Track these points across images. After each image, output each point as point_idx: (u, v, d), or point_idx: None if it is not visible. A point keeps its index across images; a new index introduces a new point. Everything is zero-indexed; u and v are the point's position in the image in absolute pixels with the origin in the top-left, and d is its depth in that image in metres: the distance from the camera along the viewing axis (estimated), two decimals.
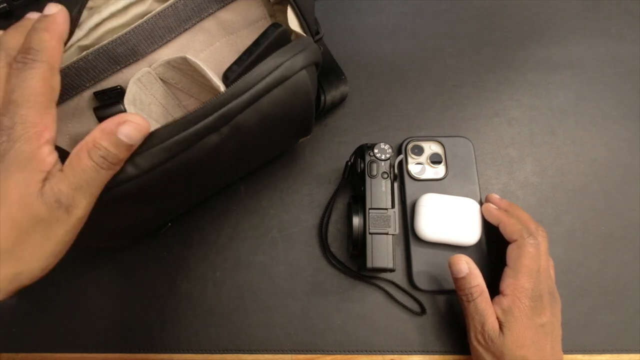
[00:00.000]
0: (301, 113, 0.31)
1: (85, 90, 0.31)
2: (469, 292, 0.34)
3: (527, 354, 0.32)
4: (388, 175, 0.36)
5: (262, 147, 0.35)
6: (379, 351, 0.38)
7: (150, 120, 0.34)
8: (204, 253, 0.41)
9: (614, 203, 0.42)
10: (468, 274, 0.34)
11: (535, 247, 0.34)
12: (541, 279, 0.33)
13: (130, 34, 0.30)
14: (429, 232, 0.38)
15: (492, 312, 0.33)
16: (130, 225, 0.32)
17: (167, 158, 0.25)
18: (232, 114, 0.26)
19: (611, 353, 0.38)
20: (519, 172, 0.44)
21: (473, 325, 0.34)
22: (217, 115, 0.25)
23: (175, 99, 0.36)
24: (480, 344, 0.33)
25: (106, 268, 0.41)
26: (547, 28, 0.49)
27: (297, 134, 0.37)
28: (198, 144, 0.26)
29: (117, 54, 0.30)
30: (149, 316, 0.39)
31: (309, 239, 0.41)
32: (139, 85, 0.32)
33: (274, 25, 0.30)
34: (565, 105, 0.46)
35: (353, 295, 0.40)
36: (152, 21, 0.30)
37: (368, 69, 0.47)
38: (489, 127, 0.45)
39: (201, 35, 0.33)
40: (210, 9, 0.33)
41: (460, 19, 0.50)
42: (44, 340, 0.39)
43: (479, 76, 0.47)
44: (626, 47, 0.48)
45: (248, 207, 0.42)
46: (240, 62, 0.29)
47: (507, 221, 0.36)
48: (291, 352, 0.38)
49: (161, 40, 0.32)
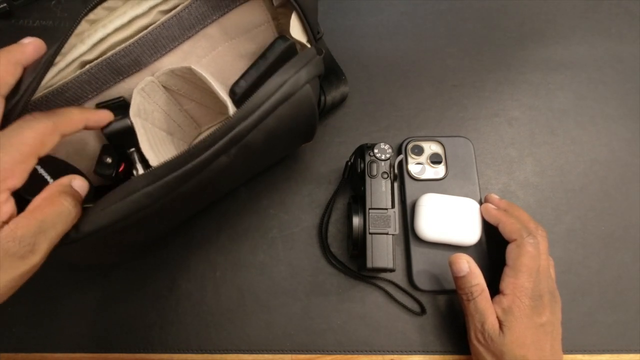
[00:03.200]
0: (305, 124, 0.31)
1: (87, 101, 0.31)
2: (469, 291, 0.34)
3: (527, 353, 0.32)
4: (388, 175, 0.36)
5: (267, 158, 0.35)
6: (379, 351, 0.38)
7: (154, 129, 0.34)
8: (204, 253, 0.41)
9: (614, 203, 0.42)
10: (468, 273, 0.34)
11: (535, 247, 0.34)
12: (541, 279, 0.33)
13: (134, 45, 0.30)
14: (429, 232, 0.38)
15: (492, 311, 0.33)
16: (142, 242, 0.33)
17: (179, 184, 0.26)
18: (240, 136, 0.26)
19: (611, 353, 0.38)
20: (519, 172, 0.44)
21: (473, 324, 0.34)
22: (226, 139, 0.26)
23: (177, 104, 0.36)
24: (480, 343, 0.34)
25: (106, 268, 0.41)
26: (547, 28, 0.49)
27: (301, 141, 0.37)
28: (209, 167, 0.26)
29: (120, 65, 0.30)
30: (149, 316, 0.39)
31: (309, 239, 0.41)
32: (143, 95, 0.32)
33: (281, 38, 0.30)
34: (565, 105, 0.46)
35: (353, 295, 0.40)
36: (156, 32, 0.30)
37: (368, 69, 0.47)
38: (489, 127, 0.45)
39: (204, 42, 0.33)
40: (214, 16, 0.32)
41: (460, 19, 0.50)
42: (44, 340, 0.39)
43: (479, 76, 0.47)
44: (626, 47, 0.48)
45: (248, 207, 0.42)
46: (247, 77, 0.29)
47: (506, 221, 0.36)
48: (291, 352, 0.38)
49: (164, 49, 0.32)
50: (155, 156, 0.31)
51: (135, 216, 0.26)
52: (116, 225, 0.25)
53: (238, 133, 0.26)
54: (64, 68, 0.29)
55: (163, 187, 0.25)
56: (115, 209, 0.25)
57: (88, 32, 0.28)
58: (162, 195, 0.26)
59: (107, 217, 0.25)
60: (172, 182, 0.25)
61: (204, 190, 0.29)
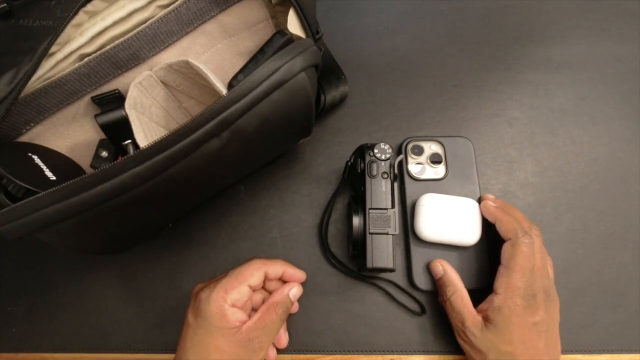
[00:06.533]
0: (301, 115, 0.31)
1: (86, 95, 0.31)
2: (444, 291, 0.36)
3: (515, 351, 0.32)
4: (388, 175, 0.36)
5: (263, 150, 0.35)
6: (379, 351, 0.38)
7: (151, 123, 0.34)
8: (204, 253, 0.41)
9: (614, 203, 0.42)
10: (443, 275, 0.36)
11: (529, 246, 0.34)
12: (535, 278, 0.33)
13: (132, 39, 0.30)
14: (429, 232, 0.38)
15: (469, 309, 0.34)
16: (134, 230, 0.32)
17: (169, 165, 0.25)
18: (232, 118, 0.26)
19: (611, 353, 0.38)
20: (519, 172, 0.44)
21: (454, 323, 0.35)
22: (217, 120, 0.25)
23: (175, 101, 0.36)
24: (464, 341, 0.34)
25: (106, 268, 0.41)
26: (547, 28, 0.49)
27: (298, 135, 0.37)
28: (200, 149, 0.26)
29: (119, 59, 0.30)
30: (149, 316, 0.39)
31: (309, 239, 0.41)
32: (140, 89, 0.32)
33: (280, 33, 0.30)
34: (565, 105, 0.46)
35: (353, 295, 0.40)
36: (155, 26, 0.30)
37: (368, 69, 0.47)
38: (489, 127, 0.45)
39: (202, 38, 0.33)
40: (212, 12, 0.32)
41: (460, 19, 0.50)
42: (44, 340, 0.39)
43: (479, 76, 0.47)
44: (626, 47, 0.48)
45: (248, 207, 0.42)
46: (245, 71, 0.29)
47: (503, 219, 0.36)
48: (291, 352, 0.38)
49: (163, 44, 0.32)
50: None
51: (124, 196, 0.25)
52: (103, 205, 0.25)
53: (229, 115, 0.25)
54: (63, 60, 0.29)
55: (151, 168, 0.25)
56: (102, 189, 0.24)
57: (87, 24, 0.28)
58: (150, 176, 0.25)
59: (93, 196, 0.24)
60: (162, 162, 0.25)
61: (197, 178, 0.29)
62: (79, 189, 0.24)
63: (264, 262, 0.35)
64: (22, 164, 0.27)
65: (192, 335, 0.31)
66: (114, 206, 0.25)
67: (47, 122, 0.31)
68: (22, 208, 0.24)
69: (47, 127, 0.31)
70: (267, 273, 0.35)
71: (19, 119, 0.29)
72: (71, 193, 0.24)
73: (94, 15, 0.29)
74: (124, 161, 0.24)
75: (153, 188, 0.26)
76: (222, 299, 0.32)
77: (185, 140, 0.25)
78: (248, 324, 0.32)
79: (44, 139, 0.31)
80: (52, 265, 0.41)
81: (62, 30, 0.26)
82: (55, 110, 0.31)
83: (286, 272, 0.36)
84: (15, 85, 0.25)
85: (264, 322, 0.32)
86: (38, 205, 0.24)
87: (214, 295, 0.32)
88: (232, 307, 0.32)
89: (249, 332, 0.31)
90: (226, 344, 0.31)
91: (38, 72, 0.28)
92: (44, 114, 0.30)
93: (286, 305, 0.34)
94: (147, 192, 0.26)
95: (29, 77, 0.26)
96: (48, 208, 0.24)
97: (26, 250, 0.41)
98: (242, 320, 0.32)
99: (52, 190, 0.24)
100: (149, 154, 0.24)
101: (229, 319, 0.31)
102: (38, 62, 0.26)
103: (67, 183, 0.24)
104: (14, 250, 0.42)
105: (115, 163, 0.24)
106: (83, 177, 0.24)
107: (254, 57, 0.30)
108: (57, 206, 0.24)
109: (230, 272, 0.34)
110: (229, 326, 0.31)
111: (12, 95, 0.25)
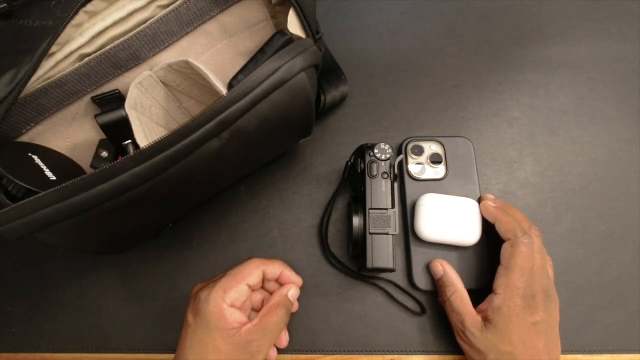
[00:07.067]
0: (301, 115, 0.31)
1: (86, 95, 0.31)
2: (443, 291, 0.36)
3: (514, 350, 0.32)
4: (388, 175, 0.36)
5: (263, 150, 0.35)
6: (379, 351, 0.38)
7: (151, 123, 0.34)
8: (204, 253, 0.41)
9: (614, 203, 0.42)
10: (443, 275, 0.36)
11: (529, 246, 0.34)
12: (534, 278, 0.33)
13: (132, 39, 0.30)
14: (429, 232, 0.38)
15: (468, 309, 0.34)
16: (134, 230, 0.32)
17: (169, 165, 0.25)
18: (232, 118, 0.26)
19: (611, 353, 0.38)
20: (519, 172, 0.44)
21: (454, 323, 0.35)
22: (217, 120, 0.25)
23: (176, 101, 0.36)
24: (464, 341, 0.34)
25: (106, 268, 0.41)
26: (547, 28, 0.49)
27: (298, 135, 0.37)
28: (199, 149, 0.26)
29: (119, 59, 0.30)
30: (149, 316, 0.39)
31: (309, 239, 0.41)
32: (140, 89, 0.32)
33: (280, 33, 0.30)
34: (565, 105, 0.46)
35: (353, 295, 0.40)
36: (155, 26, 0.30)
37: (368, 69, 0.47)
38: (489, 127, 0.45)
39: (202, 38, 0.33)
40: (212, 12, 0.32)
41: (460, 19, 0.50)
42: (44, 340, 0.39)
43: (479, 76, 0.47)
44: (626, 47, 0.48)
45: (248, 207, 0.42)
46: (245, 71, 0.29)
47: (502, 219, 0.36)
48: (291, 352, 0.38)
49: (163, 44, 0.32)
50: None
51: (124, 196, 0.25)
52: (103, 205, 0.25)
53: (229, 115, 0.25)
54: (62, 60, 0.29)
55: (151, 168, 0.25)
56: (102, 189, 0.24)
57: (87, 24, 0.28)
58: (150, 176, 0.25)
59: (93, 196, 0.24)
60: (162, 162, 0.25)
61: (197, 178, 0.29)
62: (79, 189, 0.24)
63: (262, 262, 0.35)
64: (22, 164, 0.27)
65: (191, 335, 0.31)
66: (114, 206, 0.25)
67: (47, 122, 0.31)
68: (22, 208, 0.24)
69: (47, 127, 0.31)
70: (265, 273, 0.35)
71: (19, 119, 0.29)
72: (71, 193, 0.24)
73: (94, 15, 0.29)
74: (124, 161, 0.24)
75: (153, 188, 0.26)
76: (221, 298, 0.32)
77: (185, 140, 0.25)
78: (248, 326, 0.32)
79: (44, 139, 0.31)
80: (52, 265, 0.41)
81: (62, 30, 0.26)
82: (55, 110, 0.31)
83: (283, 273, 0.36)
84: (15, 85, 0.25)
85: (264, 325, 0.32)
86: (38, 205, 0.24)
87: (213, 294, 0.32)
88: (230, 307, 0.32)
89: (248, 334, 0.31)
90: (224, 345, 0.31)
91: (38, 72, 0.28)
92: (44, 114, 0.30)
93: (286, 307, 0.34)
94: (147, 192, 0.26)
95: (29, 77, 0.26)
96: (48, 208, 0.24)
97: (26, 250, 0.41)
98: (241, 321, 0.32)
99: (52, 190, 0.24)
100: (149, 154, 0.24)
101: (227, 319, 0.31)
102: (38, 62, 0.26)
103: (67, 183, 0.24)
104: (14, 250, 0.42)
105: (115, 163, 0.24)
106: (83, 177, 0.24)
107: (254, 57, 0.30)
108: (57, 206, 0.24)
109: (228, 272, 0.34)
110: (227, 327, 0.31)
111: (12, 95, 0.25)
